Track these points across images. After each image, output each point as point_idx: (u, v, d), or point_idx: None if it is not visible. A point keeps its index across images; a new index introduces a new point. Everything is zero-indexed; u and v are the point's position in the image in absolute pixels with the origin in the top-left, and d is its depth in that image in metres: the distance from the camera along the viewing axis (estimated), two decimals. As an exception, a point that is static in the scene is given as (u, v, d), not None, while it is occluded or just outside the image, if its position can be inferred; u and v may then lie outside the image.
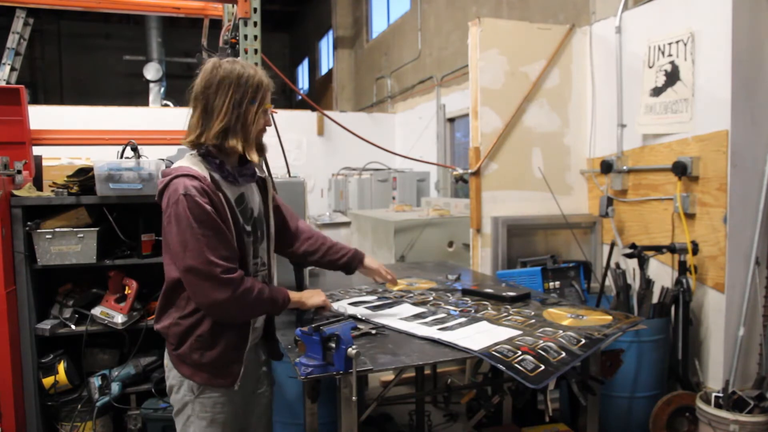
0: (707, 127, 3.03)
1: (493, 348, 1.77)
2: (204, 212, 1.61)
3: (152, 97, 10.72)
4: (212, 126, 1.69)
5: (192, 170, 1.67)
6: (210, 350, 1.74)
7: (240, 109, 1.69)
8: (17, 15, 5.19)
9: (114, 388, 2.78)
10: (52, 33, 15.89)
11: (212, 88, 1.68)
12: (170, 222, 1.64)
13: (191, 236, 1.60)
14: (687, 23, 3.13)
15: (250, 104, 1.71)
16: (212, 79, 1.68)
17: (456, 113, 7.81)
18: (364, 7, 12.30)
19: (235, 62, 1.73)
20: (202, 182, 1.64)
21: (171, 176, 1.67)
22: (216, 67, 1.70)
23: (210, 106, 1.68)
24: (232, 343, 1.76)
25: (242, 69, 1.71)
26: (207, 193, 1.64)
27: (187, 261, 1.61)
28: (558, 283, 3.19)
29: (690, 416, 2.87)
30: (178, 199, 1.61)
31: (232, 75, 1.68)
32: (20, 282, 2.63)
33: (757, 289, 2.95)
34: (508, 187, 3.76)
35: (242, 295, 1.65)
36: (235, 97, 1.68)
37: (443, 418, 3.41)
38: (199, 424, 1.79)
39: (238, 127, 1.70)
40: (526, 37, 3.75)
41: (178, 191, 1.61)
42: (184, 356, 1.77)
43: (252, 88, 1.71)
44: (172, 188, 1.64)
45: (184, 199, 1.60)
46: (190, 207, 1.60)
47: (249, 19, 2.53)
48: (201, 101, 1.70)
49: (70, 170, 2.82)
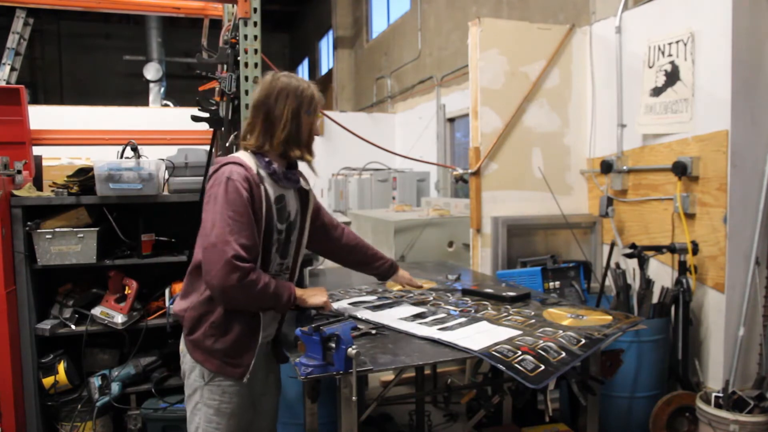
0: (707, 127, 3.03)
1: (493, 348, 1.77)
2: (240, 198, 1.70)
3: (152, 97, 10.72)
4: (276, 135, 1.83)
5: (242, 160, 1.80)
6: (222, 337, 1.79)
7: (298, 119, 1.84)
8: (17, 15, 5.19)
9: (114, 388, 2.78)
10: (52, 33, 15.89)
11: (272, 98, 1.83)
12: (208, 201, 1.75)
13: (221, 217, 1.68)
14: (687, 23, 3.13)
15: (306, 114, 1.86)
16: (272, 90, 1.83)
17: (456, 113, 7.81)
18: (364, 7, 12.30)
19: (291, 76, 1.89)
20: (247, 171, 1.76)
21: (222, 163, 1.80)
22: (275, 78, 1.86)
23: (272, 115, 1.83)
24: (244, 332, 1.80)
25: (297, 82, 1.86)
26: (249, 182, 1.75)
27: (211, 238, 1.68)
28: (558, 283, 3.19)
29: (690, 416, 2.87)
30: (221, 181, 1.73)
31: (290, 86, 1.83)
32: (20, 282, 2.63)
33: (757, 289, 2.95)
34: (508, 187, 3.76)
35: (248, 285, 1.68)
36: (292, 107, 1.83)
37: (443, 418, 3.41)
38: (205, 411, 1.84)
39: (297, 136, 1.85)
40: (526, 37, 3.75)
41: (224, 174, 1.74)
42: (197, 342, 1.81)
43: (307, 99, 1.86)
44: (219, 172, 1.77)
45: (226, 182, 1.72)
46: (228, 190, 1.71)
47: (249, 19, 2.53)
48: (262, 110, 1.84)
49: (70, 170, 2.83)
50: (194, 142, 3.39)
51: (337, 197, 7.91)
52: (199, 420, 1.85)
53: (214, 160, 1.90)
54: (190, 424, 1.88)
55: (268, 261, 1.84)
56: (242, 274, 1.66)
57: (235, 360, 1.81)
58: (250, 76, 2.54)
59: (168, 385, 2.93)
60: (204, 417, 1.84)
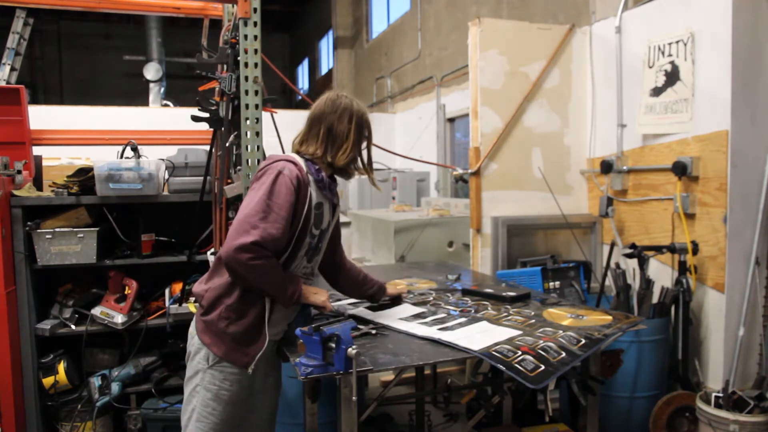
0: (707, 127, 3.03)
1: (493, 348, 1.77)
2: (287, 191, 1.77)
3: (152, 97, 10.72)
4: (340, 152, 1.92)
5: (296, 159, 1.88)
6: (236, 321, 1.82)
7: (360, 145, 1.98)
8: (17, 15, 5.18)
9: (114, 388, 2.79)
10: (52, 33, 15.89)
11: (335, 115, 1.92)
12: (253, 187, 1.81)
13: (260, 201, 1.73)
14: (687, 23, 3.13)
15: (363, 138, 1.99)
16: (335, 107, 1.93)
17: (456, 113, 7.81)
18: (364, 7, 12.30)
19: (352, 99, 1.99)
20: (299, 171, 1.83)
21: (277, 159, 1.87)
22: (339, 96, 1.96)
23: (334, 131, 1.92)
24: (258, 321, 1.83)
25: (359, 106, 1.97)
26: (299, 180, 1.81)
27: (241, 216, 1.73)
28: (558, 283, 3.19)
29: (690, 416, 2.87)
30: (273, 171, 1.79)
31: (351, 108, 1.94)
32: (20, 282, 2.63)
33: (757, 289, 2.95)
34: (508, 187, 3.76)
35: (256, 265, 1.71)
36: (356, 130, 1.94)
37: (443, 418, 3.41)
38: (204, 395, 1.85)
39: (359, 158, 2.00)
40: (526, 37, 3.75)
41: (277, 167, 1.81)
42: (210, 323, 1.83)
43: (368, 127, 2.00)
44: (273, 165, 1.83)
45: (277, 174, 1.78)
46: (277, 182, 1.77)
47: (249, 19, 2.53)
48: (324, 123, 1.92)
49: (70, 170, 2.83)
50: (194, 142, 3.39)
51: (337, 197, 7.89)
52: (196, 403, 1.86)
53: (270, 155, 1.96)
54: (187, 405, 1.89)
55: (293, 261, 1.88)
56: (255, 256, 1.69)
57: (244, 348, 1.83)
58: (250, 76, 2.54)
59: (168, 385, 2.94)
60: (201, 401, 1.85)
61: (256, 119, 2.56)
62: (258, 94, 2.55)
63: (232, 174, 2.73)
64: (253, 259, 1.69)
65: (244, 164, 2.56)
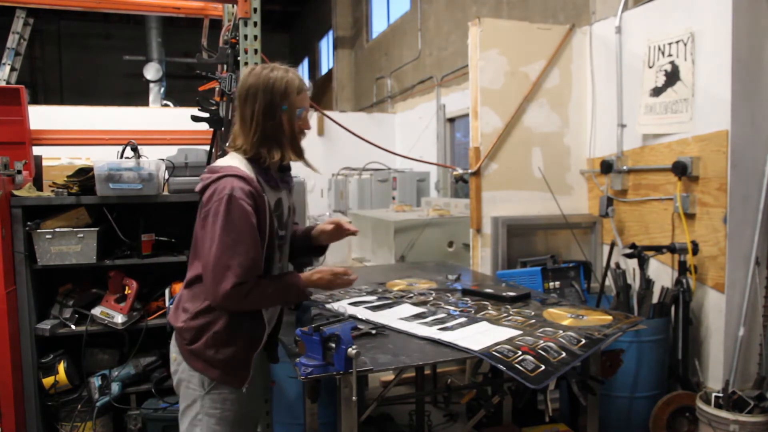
0: (707, 127, 3.03)
1: (493, 348, 1.77)
2: (243, 216, 1.62)
3: (152, 97, 10.71)
4: (249, 136, 1.72)
5: (242, 171, 1.68)
6: (225, 347, 1.74)
7: (273, 118, 1.72)
8: (17, 15, 5.19)
9: (114, 388, 2.78)
10: (52, 33, 15.89)
11: (243, 96, 1.73)
12: (207, 217, 1.65)
13: (221, 236, 1.61)
14: (687, 23, 3.13)
15: (281, 111, 1.72)
16: (243, 87, 1.73)
17: (456, 113, 7.81)
18: (364, 7, 12.30)
19: (265, 68, 1.75)
20: (250, 184, 1.66)
21: (220, 174, 1.68)
22: (248, 74, 1.74)
23: (244, 115, 1.73)
24: (246, 344, 1.77)
25: (271, 73, 1.72)
26: (253, 196, 1.66)
27: (210, 259, 1.62)
28: (558, 283, 3.19)
29: (690, 416, 2.87)
30: (223, 198, 1.62)
31: (259, 82, 1.71)
32: (20, 282, 2.63)
33: (757, 289, 2.95)
34: (508, 187, 3.76)
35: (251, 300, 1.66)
36: (263, 105, 1.70)
37: (443, 418, 3.41)
38: (207, 421, 1.78)
39: (275, 136, 1.73)
40: (526, 37, 3.75)
41: (225, 190, 1.63)
42: (198, 351, 1.75)
43: (280, 93, 1.72)
44: (219, 186, 1.66)
45: (228, 199, 1.62)
46: (231, 209, 1.62)
47: (249, 19, 2.53)
48: (239, 109, 1.75)
49: (70, 170, 2.82)
50: (194, 142, 3.39)
51: (337, 197, 7.91)
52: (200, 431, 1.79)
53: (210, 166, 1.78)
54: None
55: (271, 268, 1.82)
56: (243, 293, 1.63)
57: (236, 370, 1.77)
58: (250, 76, 2.53)
59: (168, 385, 2.93)
60: (206, 427, 1.78)
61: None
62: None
63: (232, 174, 2.72)
64: (242, 296, 1.64)
65: (244, 164, 2.56)
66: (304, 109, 1.78)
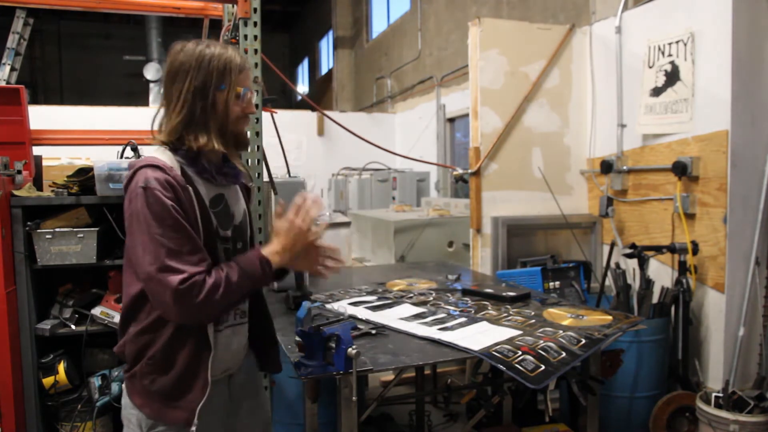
0: (707, 127, 3.03)
1: (493, 348, 1.77)
2: (164, 208, 1.36)
3: (152, 97, 10.71)
4: (172, 118, 1.45)
5: (158, 160, 1.43)
6: (162, 375, 1.45)
7: (206, 99, 1.44)
8: (17, 15, 5.18)
9: (114, 388, 2.78)
10: (52, 33, 15.89)
11: (171, 75, 1.46)
12: (130, 223, 1.40)
13: (149, 237, 1.35)
14: (687, 23, 3.13)
15: (217, 90, 1.45)
16: (172, 66, 1.47)
17: (456, 113, 7.81)
18: (364, 7, 12.30)
19: (199, 43, 1.48)
20: (166, 173, 1.40)
21: (134, 168, 1.43)
22: (177, 51, 1.47)
23: (170, 96, 1.46)
24: (189, 367, 1.46)
25: (206, 49, 1.45)
26: (171, 186, 1.39)
27: (145, 267, 1.35)
28: (558, 283, 3.19)
29: (690, 416, 2.87)
30: (137, 193, 1.37)
31: (192, 59, 1.44)
32: (20, 282, 2.63)
33: (757, 289, 2.95)
34: (508, 187, 3.76)
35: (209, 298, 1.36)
36: (195, 84, 1.43)
37: (443, 418, 3.41)
38: None
39: (205, 119, 1.45)
40: (526, 37, 3.75)
41: (138, 184, 1.38)
42: (134, 380, 1.49)
43: (218, 71, 1.45)
44: (133, 182, 1.41)
45: (143, 192, 1.36)
46: (148, 202, 1.36)
47: (249, 19, 2.53)
48: (164, 90, 1.49)
49: (70, 170, 2.82)
50: (194, 142, 3.38)
51: (337, 197, 7.91)
52: None
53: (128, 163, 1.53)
54: None
55: None
56: (196, 293, 1.34)
57: (176, 402, 1.46)
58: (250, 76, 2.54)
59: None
60: None
61: (256, 119, 2.56)
62: (258, 94, 2.55)
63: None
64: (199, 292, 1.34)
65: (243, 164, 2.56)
66: (248, 89, 1.51)
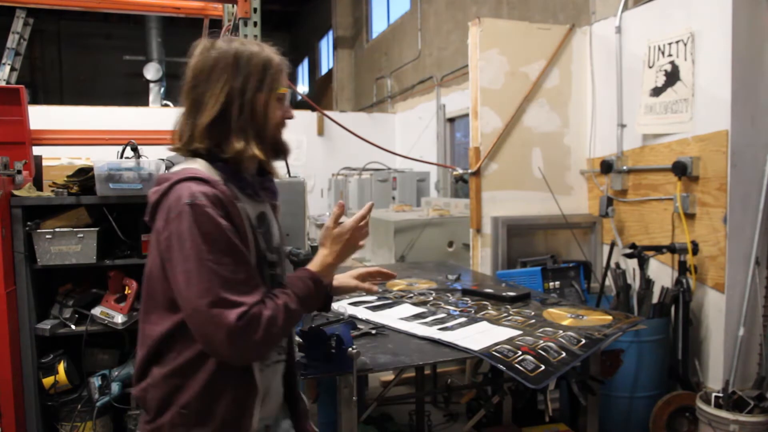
0: (707, 127, 3.03)
1: (493, 348, 1.77)
2: (217, 228, 1.15)
3: (152, 97, 10.72)
4: (201, 123, 1.25)
5: (199, 172, 1.22)
6: (199, 427, 1.24)
7: (243, 98, 1.26)
8: (17, 15, 5.19)
9: (114, 388, 2.78)
10: (52, 33, 15.89)
11: (201, 75, 1.27)
12: (168, 246, 1.17)
13: (197, 264, 1.13)
14: (687, 23, 3.13)
15: (258, 92, 1.27)
16: (204, 64, 1.28)
17: (456, 113, 7.81)
18: (364, 7, 12.30)
19: (233, 40, 1.32)
20: (214, 188, 1.19)
21: (171, 182, 1.20)
22: (207, 49, 1.29)
23: (199, 99, 1.26)
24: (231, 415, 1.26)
25: (242, 47, 1.29)
26: (221, 202, 1.18)
27: (194, 302, 1.13)
28: (558, 283, 3.19)
29: (690, 416, 2.87)
30: (182, 211, 1.15)
31: (227, 57, 1.27)
32: (20, 282, 2.63)
33: (757, 289, 2.95)
34: (508, 187, 3.76)
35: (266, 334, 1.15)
36: (233, 84, 1.25)
37: (443, 418, 3.41)
38: None
39: (242, 123, 1.26)
40: (526, 37, 3.75)
41: (182, 200, 1.15)
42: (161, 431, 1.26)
43: (257, 71, 1.28)
44: (172, 198, 1.18)
45: (190, 210, 1.14)
46: (198, 221, 1.14)
47: (249, 19, 2.53)
48: (189, 92, 1.28)
49: (70, 170, 2.82)
50: (194, 142, 3.38)
51: (337, 197, 7.91)
52: None
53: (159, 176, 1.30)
54: None
55: None
56: (254, 329, 1.13)
57: None
58: (250, 76, 2.54)
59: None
60: None
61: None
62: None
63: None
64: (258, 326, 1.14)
65: (244, 164, 2.56)
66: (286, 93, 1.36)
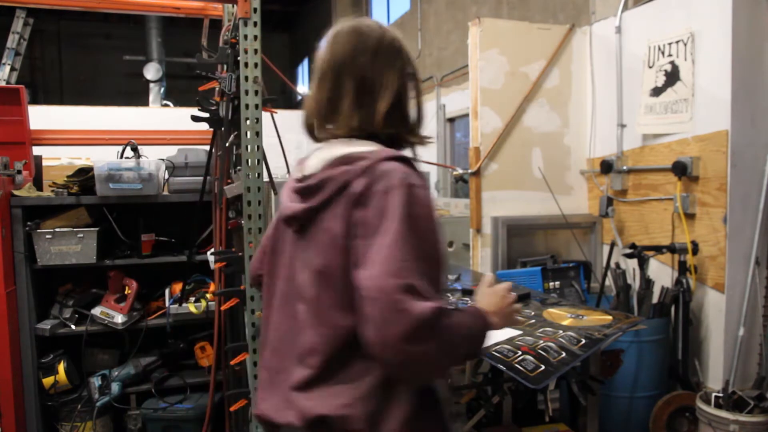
0: (707, 127, 3.03)
1: (493, 348, 1.77)
2: (430, 215, 1.08)
3: (152, 97, 10.72)
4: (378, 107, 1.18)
5: (408, 156, 1.19)
6: None
7: (404, 86, 1.24)
8: (17, 15, 5.19)
9: (114, 388, 2.79)
10: (52, 33, 15.88)
11: (367, 55, 1.19)
12: (366, 222, 1.06)
13: (400, 243, 1.01)
14: (687, 23, 3.13)
15: (411, 79, 1.27)
16: (365, 45, 1.20)
17: (456, 113, 7.81)
18: (364, 7, 12.30)
19: (373, 22, 1.28)
20: (421, 177, 1.15)
21: (380, 158, 1.12)
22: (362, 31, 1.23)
23: (371, 81, 1.19)
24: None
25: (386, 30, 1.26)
26: (429, 194, 1.14)
27: (380, 279, 0.99)
28: (558, 283, 3.19)
29: (690, 416, 2.87)
30: (395, 186, 1.06)
31: (387, 39, 1.23)
32: (20, 282, 2.64)
33: (757, 289, 2.95)
34: (508, 187, 3.76)
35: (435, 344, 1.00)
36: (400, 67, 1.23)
37: (443, 418, 3.41)
38: None
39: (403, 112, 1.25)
40: (526, 37, 3.75)
41: (396, 175, 1.08)
42: None
43: (408, 56, 1.26)
44: (379, 171, 1.09)
45: (408, 190, 1.06)
46: (414, 202, 1.05)
47: (249, 19, 2.52)
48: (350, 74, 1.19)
49: (70, 170, 2.83)
50: (194, 142, 3.39)
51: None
52: None
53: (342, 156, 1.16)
54: None
55: None
56: (439, 326, 1.00)
57: None
58: (250, 76, 2.54)
59: (168, 385, 2.94)
60: None
61: (256, 119, 2.56)
62: (258, 94, 2.55)
63: (232, 174, 2.73)
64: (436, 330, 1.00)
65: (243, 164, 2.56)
66: None
